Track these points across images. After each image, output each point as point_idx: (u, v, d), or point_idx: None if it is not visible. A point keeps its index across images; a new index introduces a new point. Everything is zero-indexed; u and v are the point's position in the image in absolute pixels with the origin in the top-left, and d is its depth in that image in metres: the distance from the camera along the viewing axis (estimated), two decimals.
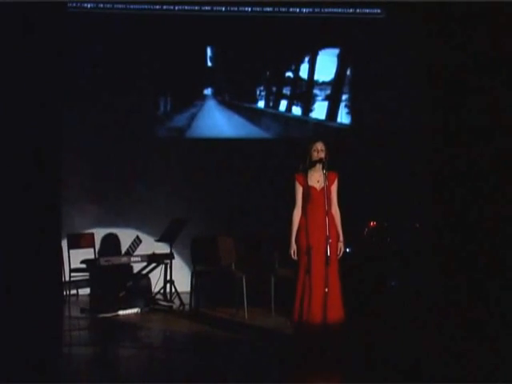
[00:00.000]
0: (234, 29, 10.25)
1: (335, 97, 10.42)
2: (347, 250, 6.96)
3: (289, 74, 10.44)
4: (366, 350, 6.67)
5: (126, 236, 9.69)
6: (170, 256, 9.00)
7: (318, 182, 6.68)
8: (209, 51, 10.33)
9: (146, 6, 10.08)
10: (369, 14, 10.44)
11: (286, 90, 10.45)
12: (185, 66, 10.18)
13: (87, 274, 9.14)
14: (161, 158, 10.20)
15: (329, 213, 6.58)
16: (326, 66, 10.41)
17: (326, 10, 10.35)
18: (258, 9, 10.26)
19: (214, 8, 10.16)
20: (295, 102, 10.43)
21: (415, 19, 10.16)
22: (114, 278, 9.08)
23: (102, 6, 10.06)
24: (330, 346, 6.45)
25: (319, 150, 6.69)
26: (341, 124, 10.44)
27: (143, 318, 8.53)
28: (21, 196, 9.18)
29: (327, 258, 6.43)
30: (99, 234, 9.95)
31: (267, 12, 10.26)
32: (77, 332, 7.77)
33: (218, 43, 10.33)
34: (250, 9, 10.22)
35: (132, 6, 10.09)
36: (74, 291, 9.69)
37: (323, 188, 6.60)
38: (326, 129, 10.41)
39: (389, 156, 10.21)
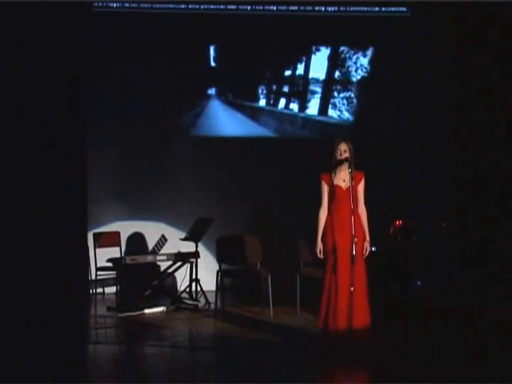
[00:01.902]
0: (235, 28, 10.24)
1: (328, 94, 10.41)
2: (373, 249, 6.91)
3: (288, 72, 10.42)
4: (392, 351, 6.65)
5: (151, 235, 9.71)
6: (196, 255, 9.01)
7: (344, 181, 6.66)
8: (212, 51, 10.30)
9: (146, 5, 10.07)
10: (395, 12, 10.39)
11: (285, 88, 10.43)
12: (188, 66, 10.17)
13: (113, 272, 9.16)
14: (187, 157, 10.21)
15: (355, 212, 6.56)
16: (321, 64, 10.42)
17: (352, 8, 10.31)
18: (259, 7, 10.25)
19: (219, 7, 10.15)
20: (293, 99, 10.42)
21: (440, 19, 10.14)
22: (140, 277, 9.11)
23: (128, 5, 10.10)
24: (356, 346, 6.42)
25: (342, 151, 6.66)
26: (342, 121, 10.40)
27: (169, 316, 8.55)
28: (47, 195, 9.26)
29: (353, 257, 6.41)
30: (125, 232, 9.97)
31: (268, 10, 10.23)
32: (103, 330, 7.80)
33: (221, 42, 10.31)
34: (249, 7, 10.22)
35: (156, 6, 10.12)
36: (100, 290, 9.74)
37: (349, 187, 6.58)
38: (345, 129, 10.37)
39: (415, 156, 10.17)
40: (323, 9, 10.24)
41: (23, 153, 9.23)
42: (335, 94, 10.40)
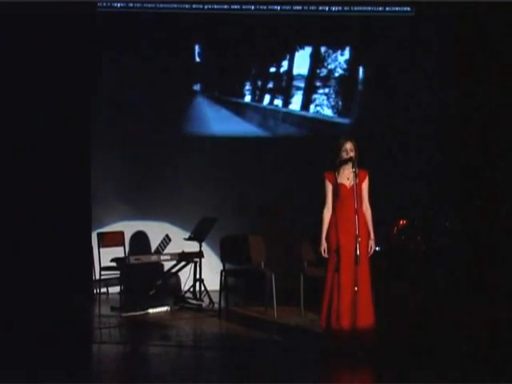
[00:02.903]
0: (222, 26, 10.24)
1: (310, 90, 10.46)
2: (377, 248, 6.90)
3: (273, 68, 10.45)
4: (397, 350, 6.64)
5: (155, 234, 9.71)
6: (200, 254, 9.01)
7: (348, 179, 6.65)
8: (197, 47, 10.31)
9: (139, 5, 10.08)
10: (399, 11, 10.39)
11: (270, 84, 10.47)
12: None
13: (117, 272, 9.17)
14: (190, 157, 10.21)
15: (359, 211, 6.54)
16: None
17: (356, 8, 10.31)
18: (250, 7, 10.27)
19: (208, 6, 10.16)
20: (277, 95, 10.45)
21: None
22: (144, 277, 9.11)
23: (131, 5, 10.10)
24: (360, 346, 6.41)
25: (348, 150, 6.65)
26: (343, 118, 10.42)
27: (173, 316, 8.56)
28: (51, 195, 9.26)
29: (356, 256, 6.40)
30: (129, 232, 9.98)
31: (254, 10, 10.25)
32: (107, 330, 7.80)
33: (207, 39, 10.31)
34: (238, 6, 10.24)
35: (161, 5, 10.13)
36: (104, 289, 9.74)
37: (353, 186, 6.56)
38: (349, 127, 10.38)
39: (420, 154, 10.17)
40: (307, 7, 10.25)
41: (27, 153, 9.23)
42: (320, 90, 10.43)
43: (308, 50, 10.47)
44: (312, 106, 10.47)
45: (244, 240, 8.65)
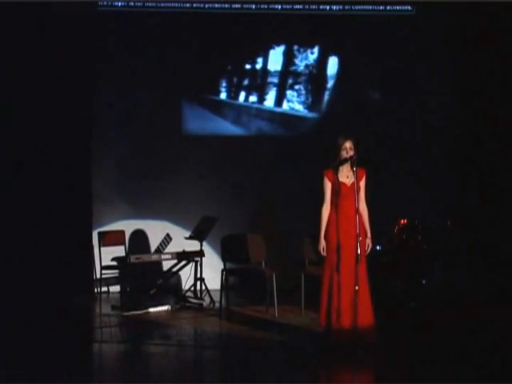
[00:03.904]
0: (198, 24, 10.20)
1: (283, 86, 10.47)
2: (377, 247, 6.89)
3: (248, 66, 10.45)
4: (398, 350, 6.64)
5: (156, 234, 9.71)
6: (201, 254, 9.01)
7: (348, 177, 6.65)
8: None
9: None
10: (399, 10, 10.39)
11: (245, 81, 10.45)
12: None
13: (118, 271, 9.17)
14: (191, 156, 10.20)
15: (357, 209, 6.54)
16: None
17: (356, 7, 10.30)
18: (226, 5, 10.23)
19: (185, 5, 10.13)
20: (252, 91, 10.44)
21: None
22: (145, 276, 9.11)
23: (132, 4, 10.10)
24: (361, 345, 6.41)
25: (348, 148, 6.65)
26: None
27: (173, 315, 8.56)
28: (52, 195, 9.26)
29: (357, 255, 6.39)
30: (130, 231, 9.98)
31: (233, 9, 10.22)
32: (107, 329, 7.80)
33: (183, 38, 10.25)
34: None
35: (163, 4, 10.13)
36: (104, 288, 9.74)
37: (353, 184, 6.55)
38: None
39: (420, 153, 10.17)
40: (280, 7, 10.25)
41: (27, 153, 9.23)
42: (293, 86, 10.46)
43: (282, 47, 10.45)
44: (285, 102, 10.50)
45: (245, 239, 8.65)
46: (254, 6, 10.24)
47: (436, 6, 10.01)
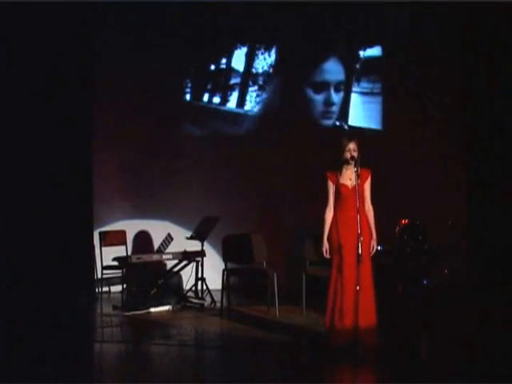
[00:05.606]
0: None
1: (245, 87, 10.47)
2: (379, 248, 6.89)
3: (212, 66, 10.42)
4: (398, 350, 6.64)
5: (157, 233, 9.71)
6: (202, 253, 9.02)
7: (350, 179, 6.64)
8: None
9: None
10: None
11: (209, 83, 10.42)
12: None
13: (119, 271, 9.17)
14: (193, 156, 10.20)
15: (361, 210, 6.54)
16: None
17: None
18: None
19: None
20: (216, 93, 10.41)
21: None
22: (146, 276, 9.12)
23: None
24: (363, 345, 6.41)
25: (352, 150, 6.63)
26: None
27: (174, 315, 8.56)
28: (53, 194, 9.26)
29: (358, 255, 6.39)
30: (131, 231, 9.97)
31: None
32: (109, 329, 7.81)
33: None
34: None
35: None
36: (106, 288, 9.75)
37: (355, 186, 6.55)
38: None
39: (421, 153, 10.17)
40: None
41: (29, 151, 9.23)
42: (253, 87, 10.46)
43: (244, 49, 10.44)
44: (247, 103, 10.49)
45: (246, 239, 8.64)
46: None
47: (436, 6, 10.01)
